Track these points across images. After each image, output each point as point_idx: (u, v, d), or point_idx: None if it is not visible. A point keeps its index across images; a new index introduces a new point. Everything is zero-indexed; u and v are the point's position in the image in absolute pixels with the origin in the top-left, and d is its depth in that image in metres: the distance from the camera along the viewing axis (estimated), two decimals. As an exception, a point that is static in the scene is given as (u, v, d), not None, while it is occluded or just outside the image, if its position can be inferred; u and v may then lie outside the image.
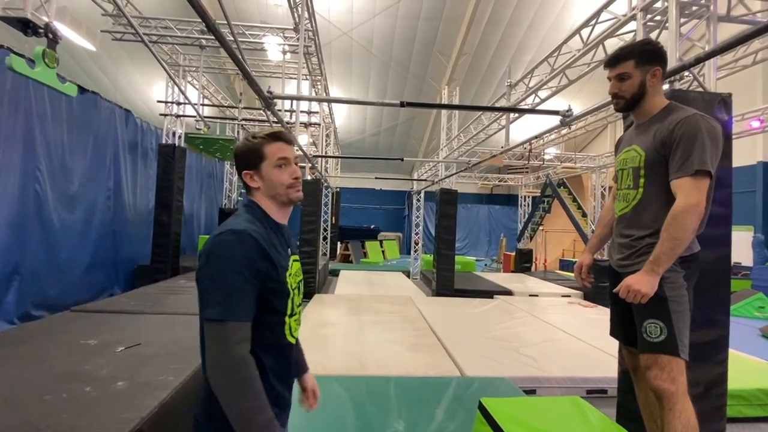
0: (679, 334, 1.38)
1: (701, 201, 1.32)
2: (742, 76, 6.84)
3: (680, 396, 1.38)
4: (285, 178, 1.03)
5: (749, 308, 6.83)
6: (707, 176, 1.33)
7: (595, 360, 3.82)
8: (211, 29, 1.94)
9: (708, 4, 2.18)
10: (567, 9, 11.07)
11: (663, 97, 1.53)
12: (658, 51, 1.48)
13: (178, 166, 6.69)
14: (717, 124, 1.39)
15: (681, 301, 1.41)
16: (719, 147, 1.36)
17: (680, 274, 1.42)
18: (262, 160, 1.02)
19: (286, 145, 1.05)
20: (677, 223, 1.32)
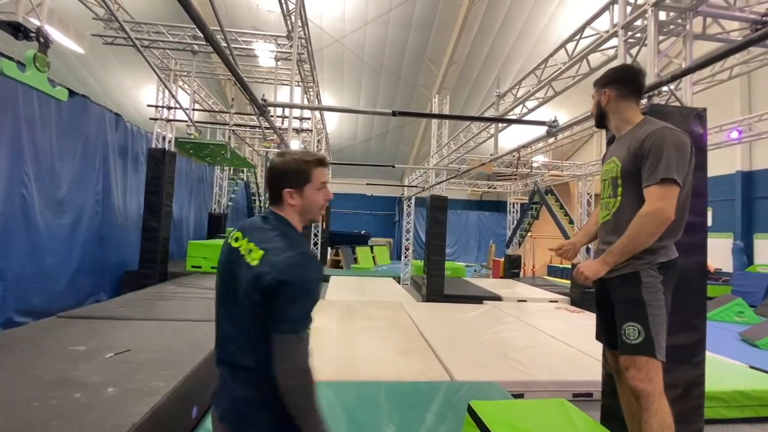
0: (656, 337, 1.45)
1: (665, 207, 1.40)
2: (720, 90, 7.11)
3: (656, 396, 1.44)
4: (322, 200, 1.13)
5: (729, 313, 7.02)
6: (673, 184, 1.41)
7: (581, 364, 3.91)
8: (208, 38, 1.98)
9: (684, 23, 2.29)
10: (553, 22, 11.37)
11: (636, 113, 1.65)
12: (612, 74, 1.66)
13: (168, 171, 6.65)
14: (684, 136, 1.49)
15: (658, 305, 1.48)
16: (686, 157, 1.45)
17: (658, 279, 1.49)
18: (308, 182, 1.10)
19: (325, 170, 1.15)
20: (637, 226, 1.42)
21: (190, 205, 9.94)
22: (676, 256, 1.56)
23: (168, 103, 7.07)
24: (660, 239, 1.48)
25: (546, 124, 3.32)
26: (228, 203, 12.00)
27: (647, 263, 1.50)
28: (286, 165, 1.10)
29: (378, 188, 18.74)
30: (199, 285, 5.54)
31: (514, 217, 13.19)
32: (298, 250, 1.02)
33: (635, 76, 1.64)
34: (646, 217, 1.41)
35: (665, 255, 1.52)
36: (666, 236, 1.49)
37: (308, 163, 1.10)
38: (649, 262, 1.50)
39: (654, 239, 1.43)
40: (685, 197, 1.52)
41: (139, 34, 5.91)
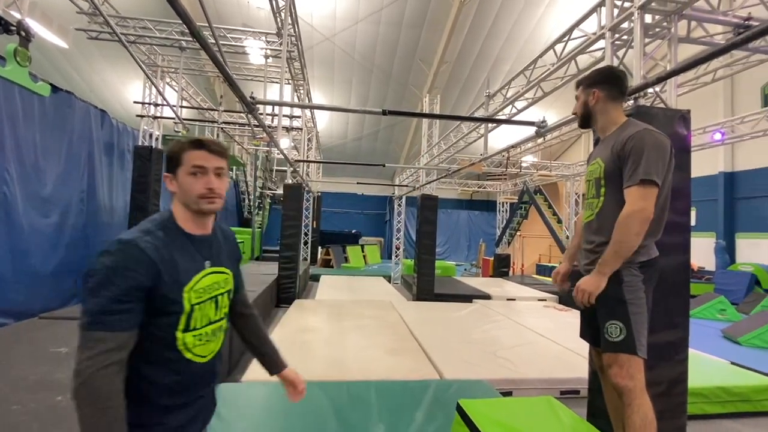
0: (637, 335, 1.47)
1: (645, 207, 1.43)
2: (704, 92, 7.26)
3: (638, 392, 1.47)
4: (197, 187, 1.00)
5: (711, 311, 7.19)
6: (652, 185, 1.44)
7: (569, 362, 3.96)
8: (195, 35, 1.95)
9: (669, 26, 2.33)
10: (542, 23, 11.48)
11: (620, 115, 1.67)
12: (598, 76, 1.67)
13: (155, 169, 6.55)
14: (664, 138, 1.52)
15: (639, 303, 1.50)
16: (665, 158, 1.48)
17: (639, 278, 1.52)
18: (179, 165, 1.01)
19: (209, 154, 1.01)
20: (621, 228, 1.44)
21: (177, 204, 9.80)
22: (656, 255, 1.59)
23: (155, 100, 6.95)
24: (647, 237, 1.51)
25: (535, 124, 3.36)
26: (216, 202, 11.86)
27: (628, 262, 1.52)
28: (167, 149, 1.05)
29: (369, 187, 18.72)
30: (187, 285, 5.47)
31: (504, 217, 13.30)
32: (119, 238, 0.92)
33: (621, 78, 1.67)
34: (629, 217, 1.44)
35: (646, 254, 1.54)
36: (647, 236, 1.51)
37: (181, 144, 1.02)
38: (631, 261, 1.52)
39: (640, 238, 1.46)
40: (664, 198, 1.55)
41: (124, 30, 5.80)
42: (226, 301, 1.11)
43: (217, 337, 1.08)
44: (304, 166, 9.07)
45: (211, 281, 1.04)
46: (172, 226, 1.01)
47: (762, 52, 3.00)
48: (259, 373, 3.35)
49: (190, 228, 1.03)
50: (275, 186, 13.06)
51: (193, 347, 0.99)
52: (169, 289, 0.94)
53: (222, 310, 1.08)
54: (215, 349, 1.08)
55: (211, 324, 1.04)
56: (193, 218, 1.04)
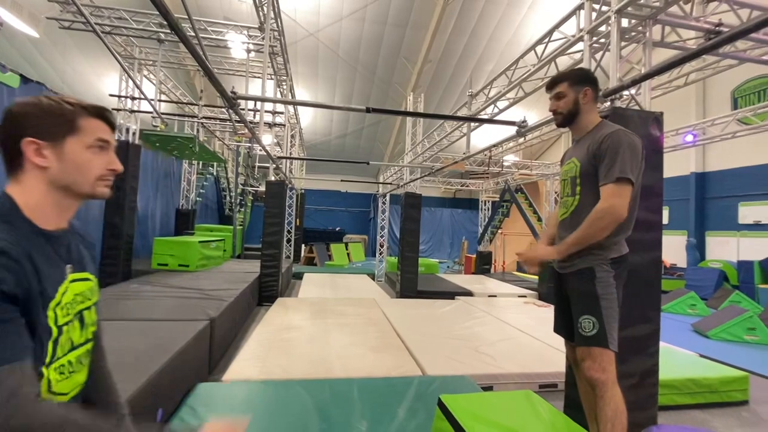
0: (609, 329, 1.52)
1: (619, 204, 1.48)
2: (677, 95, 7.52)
3: (610, 385, 1.53)
4: (99, 166, 0.80)
5: (683, 306, 7.48)
6: (627, 183, 1.49)
7: (548, 357, 4.05)
8: (173, 27, 1.91)
9: (645, 31, 2.41)
10: (524, 25, 11.66)
11: (596, 116, 1.73)
12: (587, 74, 1.71)
13: (132, 165, 6.37)
14: (637, 138, 1.58)
15: (611, 298, 1.55)
16: (639, 158, 1.54)
17: (611, 274, 1.57)
18: (71, 132, 0.75)
19: (106, 127, 0.81)
20: (592, 221, 1.50)
21: (156, 201, 9.56)
22: (627, 251, 1.64)
23: (132, 94, 6.75)
24: (612, 235, 1.55)
25: (516, 124, 3.42)
26: (197, 199, 11.63)
27: (601, 259, 1.57)
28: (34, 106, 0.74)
29: (353, 185, 18.68)
30: (165, 283, 5.35)
31: (486, 215, 13.49)
32: None
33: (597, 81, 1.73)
34: (601, 212, 1.48)
35: (617, 251, 1.59)
36: (618, 233, 1.57)
37: (73, 106, 0.76)
38: (603, 257, 1.57)
39: (605, 234, 1.50)
40: (635, 196, 1.60)
41: (99, 19, 5.61)
42: (93, 317, 0.87)
43: (84, 365, 0.83)
44: (287, 163, 8.98)
45: (76, 292, 0.79)
46: (17, 220, 0.71)
47: (731, 58, 3.13)
48: (239, 372, 3.32)
49: (44, 222, 0.75)
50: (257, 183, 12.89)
51: (55, 385, 0.73)
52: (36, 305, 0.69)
53: (88, 329, 0.85)
54: (81, 381, 0.82)
55: (75, 349, 0.79)
56: (59, 207, 0.78)
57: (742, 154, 9.93)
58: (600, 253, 1.57)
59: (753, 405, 3.52)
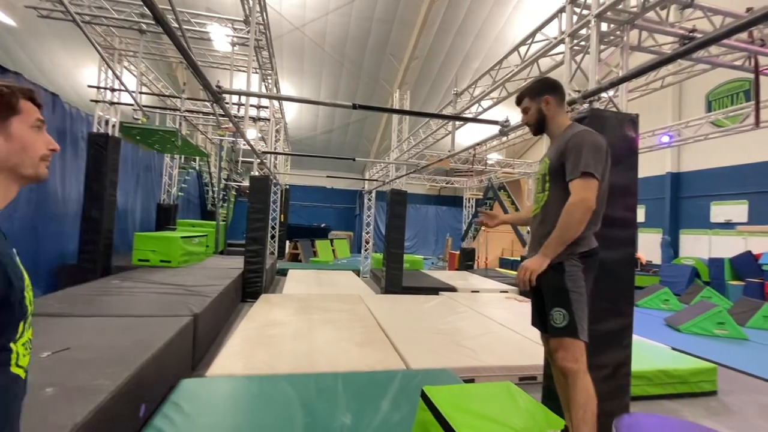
0: (579, 320, 1.60)
1: (588, 197, 1.56)
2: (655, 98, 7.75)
3: (581, 373, 1.60)
4: (41, 146, 0.82)
5: (656, 301, 7.75)
6: (592, 177, 1.58)
7: (527, 350, 4.16)
8: (158, 19, 1.88)
9: (622, 35, 2.50)
10: (510, 24, 11.80)
11: (565, 119, 1.83)
12: (545, 84, 1.82)
13: (112, 158, 6.22)
14: (601, 138, 1.68)
15: (580, 291, 1.63)
16: (602, 155, 1.63)
17: (579, 268, 1.66)
18: (15, 113, 0.77)
19: (38, 110, 0.84)
20: (566, 216, 1.58)
21: (136, 195, 9.35)
22: (596, 245, 1.73)
23: (111, 85, 6.58)
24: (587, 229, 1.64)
25: (499, 123, 3.49)
26: (178, 193, 11.42)
27: (570, 253, 1.65)
28: None
29: (339, 181, 18.63)
30: (146, 279, 5.26)
31: (470, 212, 13.65)
32: None
33: (561, 87, 1.84)
34: (573, 206, 1.57)
35: (586, 245, 1.68)
36: (586, 227, 1.64)
37: (11, 88, 0.77)
38: (572, 252, 1.65)
39: (583, 225, 1.58)
40: (603, 192, 1.69)
41: (79, 8, 5.44)
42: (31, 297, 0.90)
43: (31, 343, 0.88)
44: (272, 158, 8.89)
45: None
46: None
47: (704, 62, 3.27)
48: (223, 367, 3.31)
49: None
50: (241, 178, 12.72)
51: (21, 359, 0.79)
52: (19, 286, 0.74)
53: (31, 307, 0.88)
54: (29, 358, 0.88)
55: (29, 328, 0.84)
56: (4, 191, 0.79)
57: (714, 155, 10.32)
58: (569, 248, 1.65)
59: (721, 395, 3.71)
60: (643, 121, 2.40)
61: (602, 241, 2.26)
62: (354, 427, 2.42)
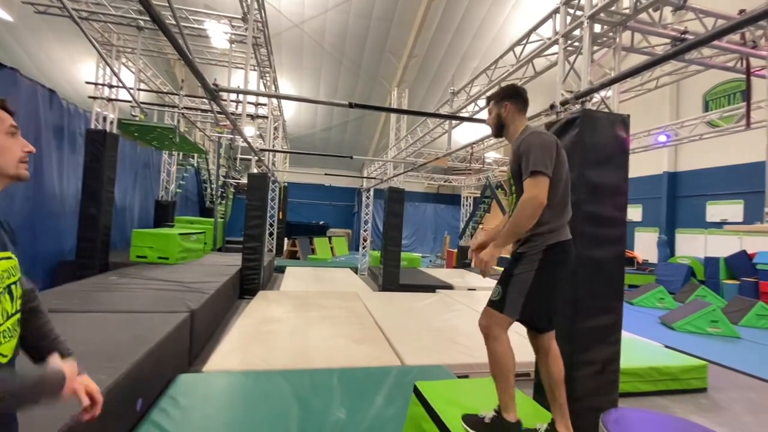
0: (509, 300, 1.76)
1: (537, 194, 1.67)
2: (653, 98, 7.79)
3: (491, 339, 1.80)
4: (17, 149, 0.91)
5: (652, 299, 7.81)
6: (540, 174, 1.69)
7: (522, 347, 4.18)
8: (154, 18, 1.91)
9: (615, 36, 2.53)
10: (508, 23, 11.81)
11: (521, 124, 1.94)
12: (507, 91, 1.96)
13: (109, 155, 6.23)
14: (549, 137, 1.78)
15: (523, 279, 1.75)
16: (550, 152, 1.73)
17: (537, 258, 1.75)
18: None
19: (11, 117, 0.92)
20: (518, 211, 1.70)
21: (134, 192, 9.36)
22: (565, 238, 1.80)
23: (109, 81, 6.58)
24: (546, 223, 1.75)
25: (495, 122, 3.51)
26: (176, 190, 11.43)
27: (533, 246, 1.77)
28: None
29: (337, 179, 18.65)
30: (143, 275, 5.29)
31: (468, 210, 13.69)
32: None
33: (523, 94, 1.97)
34: (524, 203, 1.69)
35: (554, 238, 1.77)
36: (550, 220, 1.75)
37: None
38: (536, 244, 1.77)
39: (533, 220, 1.69)
40: (564, 186, 1.80)
41: (76, 5, 5.44)
42: (19, 291, 0.96)
43: (17, 332, 0.95)
44: (270, 156, 8.91)
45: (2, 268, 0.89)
46: None
47: (697, 64, 3.30)
48: (220, 363, 3.35)
49: None
50: (239, 175, 12.74)
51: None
52: None
53: (17, 301, 0.95)
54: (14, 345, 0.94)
55: (10, 318, 0.91)
56: None
57: (710, 155, 10.37)
58: (535, 241, 1.77)
59: (711, 392, 3.76)
60: (640, 121, 2.45)
61: (591, 239, 2.30)
62: (348, 421, 2.46)
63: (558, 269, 1.78)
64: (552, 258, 1.74)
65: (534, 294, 1.74)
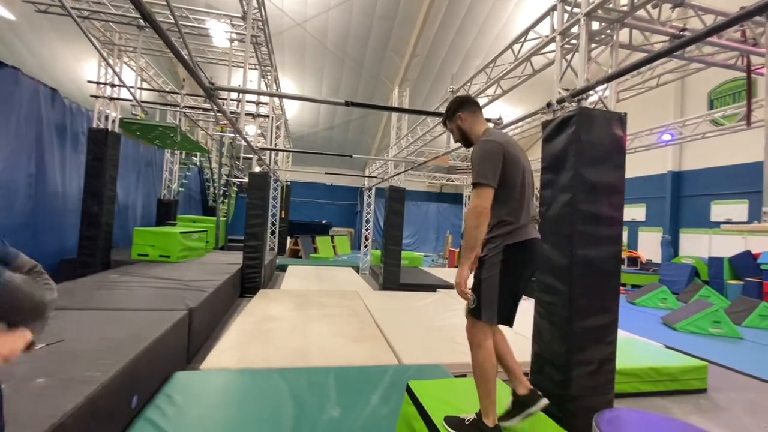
0: (484, 307, 1.79)
1: (478, 204, 1.73)
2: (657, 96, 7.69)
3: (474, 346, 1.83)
4: None
5: (654, 299, 7.75)
6: (480, 186, 1.75)
7: (521, 347, 4.15)
8: (145, 17, 1.91)
9: (612, 34, 2.50)
10: (511, 21, 11.73)
11: (481, 128, 1.98)
12: (453, 104, 2.02)
13: (111, 153, 6.26)
14: (491, 144, 1.80)
15: (491, 282, 1.78)
16: (492, 160, 1.77)
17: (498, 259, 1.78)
18: None
19: None
20: (465, 223, 1.79)
21: (137, 191, 9.42)
22: (526, 238, 1.81)
23: (111, 80, 6.61)
24: (504, 225, 1.80)
25: (491, 120, 3.50)
26: (179, 189, 11.48)
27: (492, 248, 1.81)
28: None
29: (340, 178, 18.66)
30: (144, 274, 5.32)
31: (471, 209, 13.61)
32: None
33: (469, 98, 2.03)
34: (467, 214, 1.78)
35: (513, 238, 1.80)
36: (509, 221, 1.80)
37: None
38: (496, 245, 1.81)
39: (480, 229, 1.73)
40: (520, 187, 1.82)
41: (77, 4, 5.47)
42: None
43: None
44: (272, 155, 8.92)
45: None
46: None
47: (697, 61, 3.26)
48: (217, 361, 3.36)
49: None
50: (242, 174, 12.77)
51: None
52: None
53: None
54: None
55: None
56: None
57: (715, 154, 10.26)
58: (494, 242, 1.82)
59: (711, 393, 3.73)
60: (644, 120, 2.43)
61: (587, 238, 2.28)
62: (342, 420, 2.46)
63: (522, 268, 1.82)
64: (513, 258, 1.78)
65: (505, 295, 1.78)
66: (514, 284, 1.80)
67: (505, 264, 1.76)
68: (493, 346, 1.83)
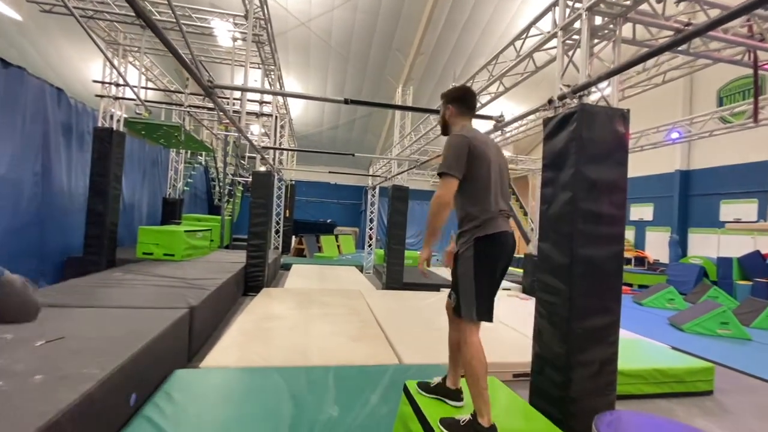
0: (463, 302, 1.83)
1: (441, 194, 1.80)
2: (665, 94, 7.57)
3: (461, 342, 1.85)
4: None
5: (661, 300, 7.65)
6: (445, 176, 1.81)
7: (524, 347, 4.13)
8: (139, 14, 1.90)
9: (615, 29, 2.45)
10: (516, 19, 11.63)
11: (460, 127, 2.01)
12: (451, 94, 2.08)
13: (116, 152, 6.31)
14: (459, 139, 1.86)
15: (467, 278, 1.82)
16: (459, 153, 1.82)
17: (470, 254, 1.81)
18: None
19: None
20: (429, 210, 1.84)
21: (143, 189, 9.49)
22: (495, 231, 1.83)
23: (116, 80, 6.66)
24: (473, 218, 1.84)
25: (493, 118, 3.46)
26: (184, 188, 11.56)
27: (465, 243, 1.85)
28: None
29: (345, 177, 18.65)
30: (148, 272, 5.35)
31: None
32: None
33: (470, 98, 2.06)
34: (432, 201, 1.83)
35: (482, 231, 1.82)
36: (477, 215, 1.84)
37: None
38: (466, 240, 1.85)
39: (440, 217, 1.81)
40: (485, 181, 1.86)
41: (81, 4, 5.51)
42: None
43: None
44: (276, 154, 8.94)
45: None
46: None
47: (703, 57, 3.19)
48: (217, 359, 3.36)
49: None
50: (247, 173, 12.82)
51: None
52: None
53: None
54: None
55: None
56: None
57: (724, 152, 10.09)
58: (464, 237, 1.86)
59: (717, 395, 3.65)
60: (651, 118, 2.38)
61: (588, 237, 2.24)
62: (340, 419, 2.45)
63: (495, 261, 1.83)
64: (485, 251, 1.80)
65: (481, 289, 1.80)
66: (488, 278, 1.82)
67: (477, 258, 1.78)
68: (479, 342, 1.83)
